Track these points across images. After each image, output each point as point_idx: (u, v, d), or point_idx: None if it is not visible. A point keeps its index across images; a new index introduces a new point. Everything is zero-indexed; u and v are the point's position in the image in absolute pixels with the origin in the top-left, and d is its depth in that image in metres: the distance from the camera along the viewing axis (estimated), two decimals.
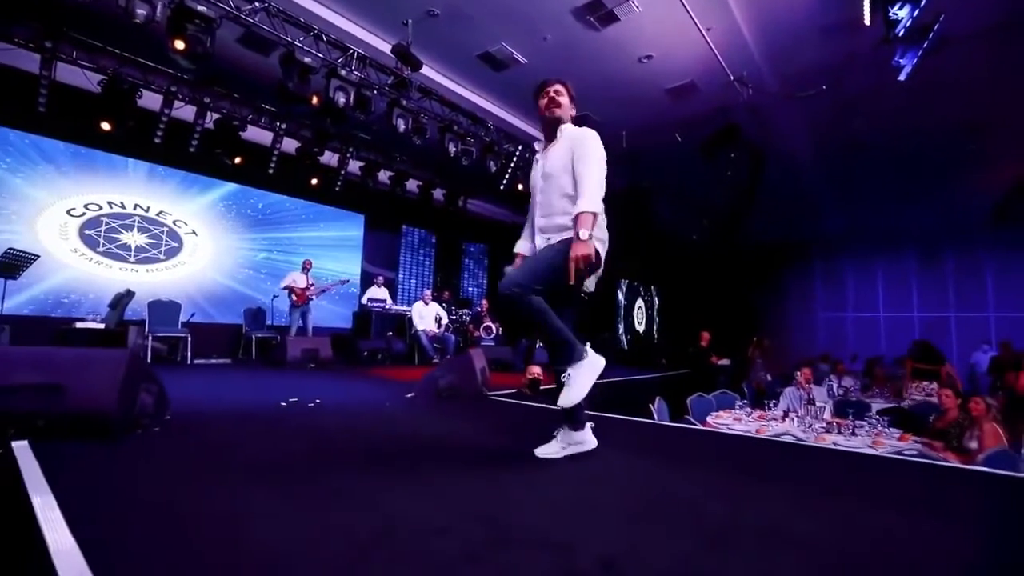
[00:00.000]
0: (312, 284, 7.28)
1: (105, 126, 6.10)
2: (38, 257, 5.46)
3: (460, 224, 10.99)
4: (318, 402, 3.48)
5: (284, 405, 3.32)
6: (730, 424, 3.90)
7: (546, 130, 2.15)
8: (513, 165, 8.28)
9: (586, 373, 1.83)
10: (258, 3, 5.07)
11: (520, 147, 8.23)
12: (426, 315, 7.90)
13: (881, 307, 13.31)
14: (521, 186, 8.43)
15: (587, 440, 2.11)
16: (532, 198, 2.17)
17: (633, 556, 1.15)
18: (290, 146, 7.71)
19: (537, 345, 2.00)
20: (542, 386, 4.39)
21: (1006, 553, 1.32)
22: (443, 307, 8.48)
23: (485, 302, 9.55)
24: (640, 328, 14.76)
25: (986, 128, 7.35)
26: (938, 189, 10.07)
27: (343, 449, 2.23)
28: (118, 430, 2.05)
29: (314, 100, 5.69)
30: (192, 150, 6.83)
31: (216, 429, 2.56)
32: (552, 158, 2.06)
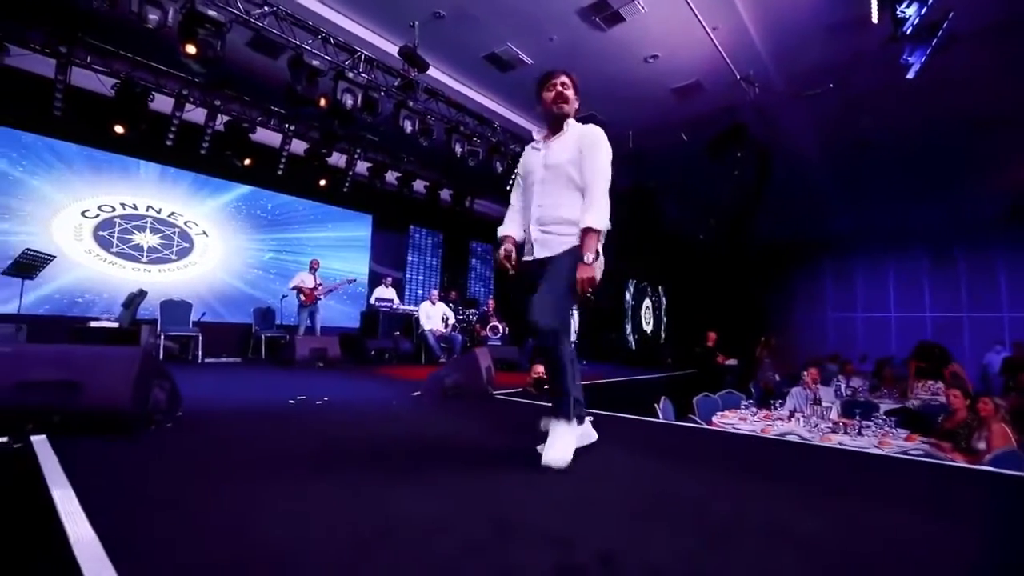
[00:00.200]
0: (320, 284, 7.35)
1: (118, 129, 6.22)
2: (54, 258, 5.58)
3: (467, 224, 11.03)
4: (326, 400, 3.53)
5: (293, 403, 3.37)
6: (735, 424, 3.89)
7: (550, 122, 2.10)
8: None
9: (574, 439, 1.84)
10: (267, 7, 5.14)
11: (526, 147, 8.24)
12: (433, 315, 7.95)
13: (892, 307, 13.16)
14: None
15: (588, 432, 2.13)
16: (525, 185, 2.12)
17: (633, 552, 1.17)
18: (299, 147, 7.79)
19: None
20: (546, 385, 4.41)
21: (1011, 553, 1.32)
22: (450, 307, 8.53)
23: (492, 302, 9.58)
24: (648, 328, 14.73)
25: (999, 125, 7.27)
26: (950, 187, 9.96)
27: (350, 446, 2.27)
28: (132, 426, 2.10)
29: (322, 102, 5.76)
30: (203, 152, 6.93)
31: (226, 426, 2.62)
32: (557, 150, 2.02)
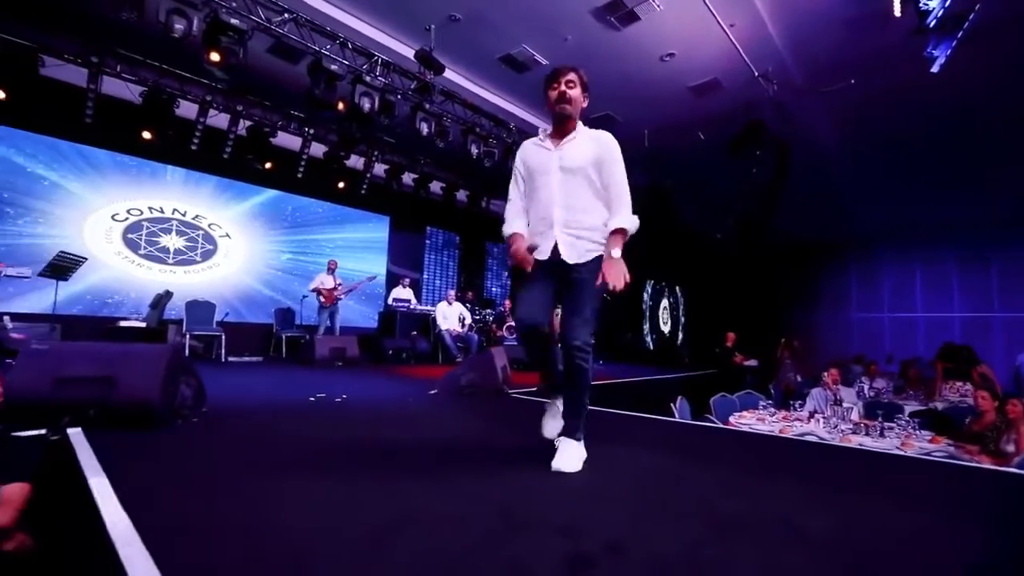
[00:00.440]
0: (339, 284, 7.47)
1: (146, 135, 6.45)
2: (86, 260, 5.79)
3: (483, 225, 11.08)
4: (345, 398, 3.61)
5: (312, 400, 3.46)
6: (753, 424, 3.85)
7: (554, 121, 2.05)
8: None
9: (583, 453, 1.90)
10: (287, 14, 5.27)
11: None
12: (450, 315, 8.02)
13: (919, 307, 12.78)
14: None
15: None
16: (532, 183, 2.07)
17: (640, 542, 1.19)
18: (318, 151, 7.95)
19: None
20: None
21: None
22: (467, 307, 8.59)
23: (508, 302, 9.62)
24: (665, 329, 14.60)
25: None
26: (980, 184, 9.64)
27: (367, 442, 2.32)
28: (161, 420, 2.19)
29: (340, 106, 5.87)
30: (226, 156, 7.12)
31: (250, 422, 2.70)
32: (573, 154, 1.99)
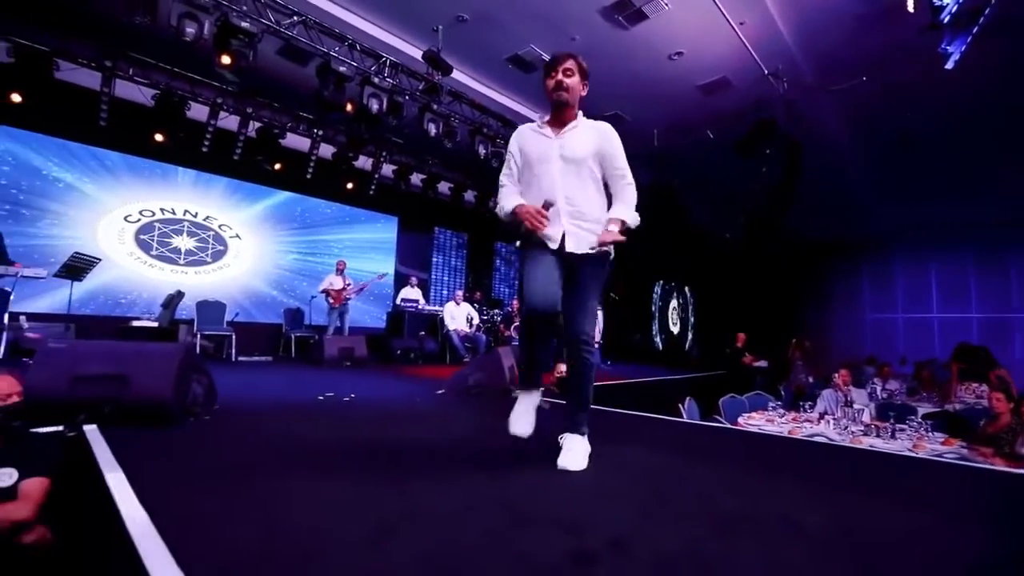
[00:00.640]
0: (349, 284, 7.52)
1: (158, 137, 6.54)
2: (100, 260, 5.88)
3: (491, 225, 11.08)
4: (353, 397, 3.63)
5: (321, 399, 3.49)
6: (762, 425, 3.83)
7: (552, 109, 2.02)
8: None
9: (588, 448, 1.97)
10: (296, 16, 5.32)
11: None
12: (458, 315, 8.04)
13: (935, 308, 12.56)
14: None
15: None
16: (531, 171, 2.03)
17: (642, 539, 1.20)
18: (327, 152, 8.01)
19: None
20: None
21: None
22: (474, 307, 8.61)
23: (516, 302, 9.61)
24: (675, 329, 14.53)
25: None
26: (997, 181, 9.47)
27: (375, 440, 2.34)
28: (173, 417, 2.23)
29: (349, 107, 5.92)
30: (236, 157, 7.20)
31: (259, 419, 2.73)
32: (574, 144, 1.97)
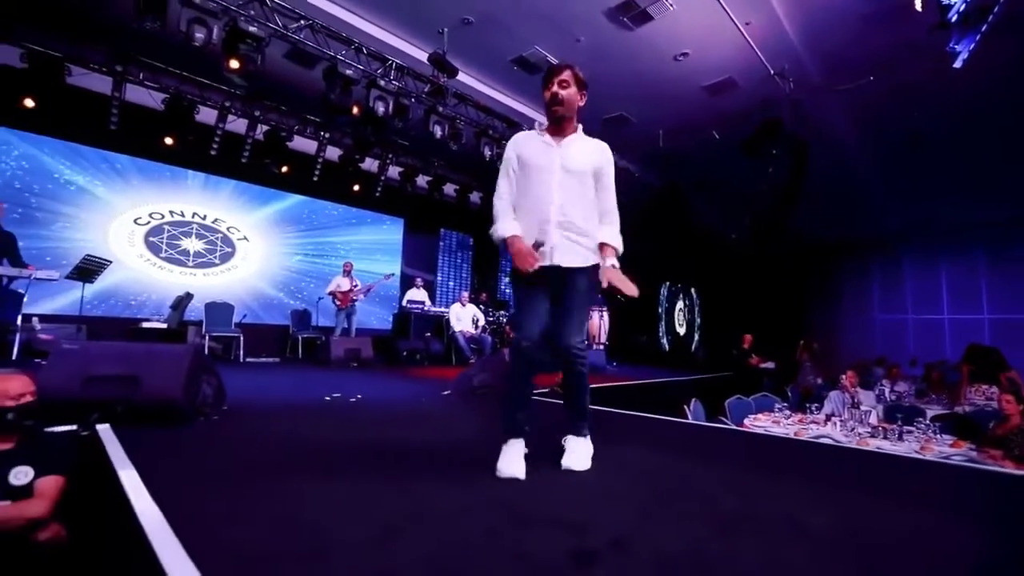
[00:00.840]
0: (356, 285, 7.57)
1: (168, 140, 6.63)
2: (111, 263, 5.96)
3: None
4: (359, 398, 3.66)
5: (328, 400, 3.52)
6: (768, 427, 3.81)
7: (552, 122, 2.00)
8: None
9: (589, 448, 1.96)
10: (303, 21, 5.37)
11: None
12: (463, 316, 8.06)
13: (945, 309, 12.40)
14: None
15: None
16: (528, 178, 1.98)
17: (644, 538, 1.21)
18: (333, 154, 8.07)
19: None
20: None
21: None
22: (480, 308, 8.62)
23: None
24: (681, 330, 14.48)
25: None
26: (1007, 180, 9.37)
27: (381, 440, 2.36)
28: (184, 417, 2.26)
29: (355, 110, 5.96)
30: (244, 160, 7.28)
31: (267, 419, 2.76)
32: (575, 156, 1.97)
